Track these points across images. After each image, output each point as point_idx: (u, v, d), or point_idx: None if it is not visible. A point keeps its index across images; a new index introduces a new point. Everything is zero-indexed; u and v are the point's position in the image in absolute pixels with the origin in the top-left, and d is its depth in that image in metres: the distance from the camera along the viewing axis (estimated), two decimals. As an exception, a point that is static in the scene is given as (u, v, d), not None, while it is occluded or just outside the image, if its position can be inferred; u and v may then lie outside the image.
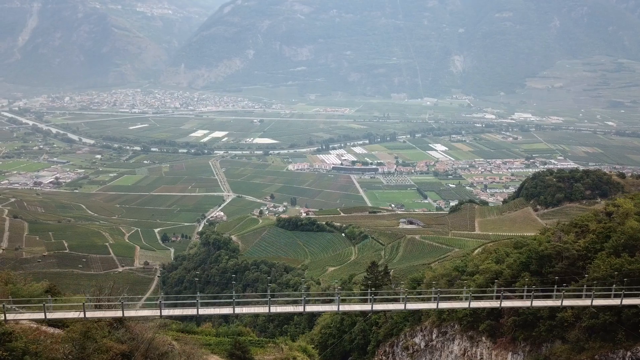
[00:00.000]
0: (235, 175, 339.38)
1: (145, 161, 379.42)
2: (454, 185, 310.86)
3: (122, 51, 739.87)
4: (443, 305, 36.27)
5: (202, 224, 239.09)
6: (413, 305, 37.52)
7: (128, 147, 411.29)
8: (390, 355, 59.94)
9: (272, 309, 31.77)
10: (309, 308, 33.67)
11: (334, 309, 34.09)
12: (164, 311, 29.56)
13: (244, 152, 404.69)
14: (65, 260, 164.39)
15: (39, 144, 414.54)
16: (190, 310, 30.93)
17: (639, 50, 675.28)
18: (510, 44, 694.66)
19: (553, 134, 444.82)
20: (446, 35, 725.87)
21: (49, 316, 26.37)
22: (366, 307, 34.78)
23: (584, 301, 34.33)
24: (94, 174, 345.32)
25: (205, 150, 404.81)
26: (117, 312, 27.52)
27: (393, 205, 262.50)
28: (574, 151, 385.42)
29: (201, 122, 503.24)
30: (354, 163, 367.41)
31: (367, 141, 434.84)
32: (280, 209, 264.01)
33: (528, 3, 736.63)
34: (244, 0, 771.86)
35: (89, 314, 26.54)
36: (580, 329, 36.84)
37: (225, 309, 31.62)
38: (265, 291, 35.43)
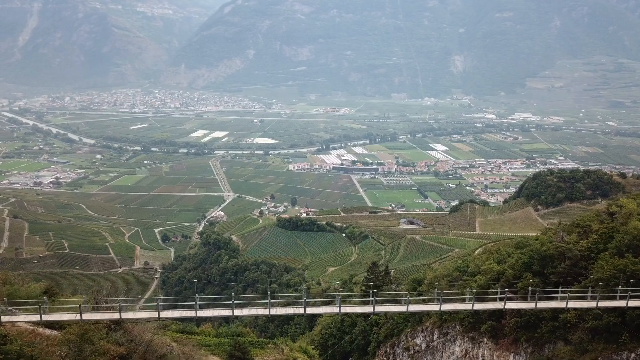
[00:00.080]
0: (235, 175, 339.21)
1: (145, 161, 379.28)
2: (455, 185, 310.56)
3: (123, 51, 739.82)
4: (446, 307, 35.80)
5: (203, 224, 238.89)
6: (415, 307, 37.01)
7: (128, 147, 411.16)
8: (391, 356, 59.59)
9: (272, 311, 31.38)
10: (310, 310, 33.28)
11: (335, 310, 33.67)
12: (162, 313, 29.18)
13: (244, 152, 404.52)
14: (65, 260, 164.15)
15: (39, 144, 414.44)
16: (188, 312, 30.57)
17: (639, 50, 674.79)
18: (510, 44, 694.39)
19: (553, 134, 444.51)
20: (446, 35, 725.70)
21: (44, 318, 25.99)
22: (368, 309, 34.34)
23: (589, 303, 33.91)
24: (94, 174, 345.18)
25: (206, 150, 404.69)
26: (115, 314, 27.15)
27: (393, 205, 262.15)
28: (574, 151, 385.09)
29: (201, 122, 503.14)
30: (354, 163, 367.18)
31: (368, 141, 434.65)
32: (281, 209, 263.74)
33: (528, 3, 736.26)
34: (244, 0, 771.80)
35: (86, 316, 26.17)
36: (584, 330, 36.47)
37: (225, 311, 31.23)
38: (266, 291, 35.02)
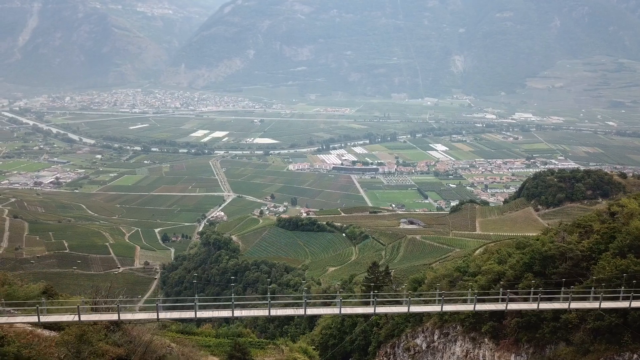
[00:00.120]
0: (235, 175, 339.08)
1: (145, 161, 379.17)
2: (455, 185, 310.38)
3: (123, 51, 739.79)
4: (447, 308, 35.54)
5: (203, 224, 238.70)
6: (417, 307, 36.72)
7: (128, 147, 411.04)
8: (392, 357, 59.40)
9: (272, 312, 31.11)
10: (310, 311, 33.06)
11: (336, 311, 33.44)
12: (161, 314, 28.94)
13: (244, 152, 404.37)
14: (65, 260, 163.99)
15: (39, 144, 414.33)
16: (187, 314, 30.34)
17: (639, 50, 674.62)
18: (510, 44, 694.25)
19: (554, 134, 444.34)
20: (447, 35, 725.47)
21: (42, 319, 25.76)
22: (369, 310, 34.08)
23: (592, 304, 33.68)
24: (94, 174, 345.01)
25: (206, 150, 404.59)
26: (113, 315, 26.93)
27: (394, 205, 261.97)
28: (574, 151, 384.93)
29: (201, 122, 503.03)
30: (354, 163, 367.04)
31: (368, 141, 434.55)
32: (281, 209, 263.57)
33: (529, 3, 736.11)
34: (244, 0, 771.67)
35: (84, 317, 25.95)
36: (585, 330, 36.25)
37: (224, 312, 30.99)
38: (266, 291, 34.82)
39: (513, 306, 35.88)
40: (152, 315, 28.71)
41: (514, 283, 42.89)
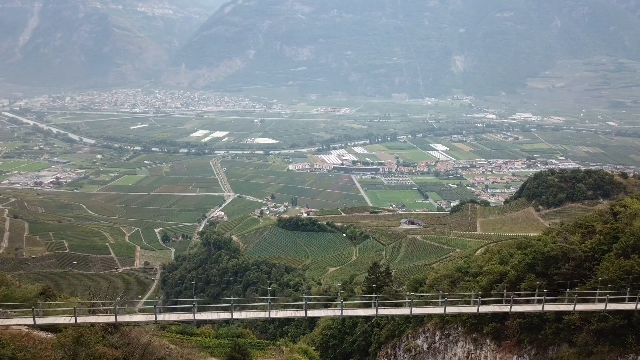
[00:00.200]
0: (235, 175, 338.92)
1: (145, 161, 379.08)
2: (455, 186, 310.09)
3: (123, 51, 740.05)
4: (451, 309, 35.08)
5: (203, 224, 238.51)
6: (419, 310, 36.23)
7: (129, 147, 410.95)
8: (392, 357, 59.08)
9: (273, 314, 30.71)
10: (311, 313, 32.68)
11: (337, 314, 32.99)
12: (159, 316, 28.55)
13: (244, 152, 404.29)
14: (66, 260, 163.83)
15: (39, 144, 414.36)
16: (186, 316, 29.96)
17: (639, 50, 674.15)
18: (511, 44, 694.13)
19: (554, 134, 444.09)
20: (447, 35, 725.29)
21: (38, 321, 25.35)
22: (370, 312, 33.58)
23: (598, 305, 33.27)
24: (95, 174, 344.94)
25: (206, 150, 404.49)
26: (110, 318, 26.53)
27: (394, 205, 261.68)
28: (575, 151, 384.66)
29: (202, 122, 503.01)
30: (354, 163, 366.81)
31: (368, 141, 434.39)
32: (281, 209, 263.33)
33: (529, 3, 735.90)
34: (244, 0, 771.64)
35: (81, 319, 25.58)
36: (589, 332, 35.83)
37: (224, 314, 30.57)
38: (266, 292, 34.44)
39: (517, 308, 35.41)
40: (150, 317, 28.32)
41: (516, 284, 42.53)
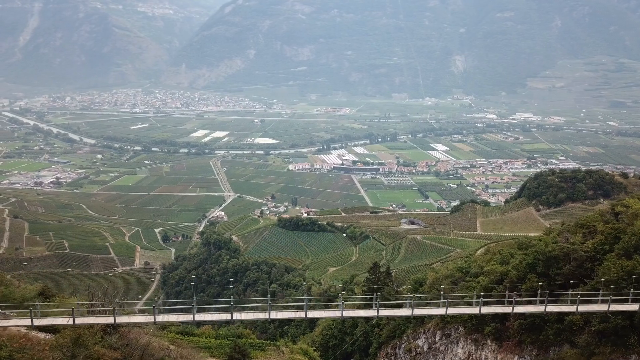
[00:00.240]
0: (236, 175, 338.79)
1: (146, 161, 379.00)
2: (455, 186, 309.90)
3: (123, 51, 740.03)
4: (452, 311, 34.85)
5: (203, 224, 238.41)
6: (421, 310, 35.98)
7: (129, 147, 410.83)
8: (393, 358, 58.91)
9: (273, 315, 30.48)
10: (312, 314, 32.44)
11: (338, 315, 32.77)
12: (158, 317, 28.32)
13: (244, 152, 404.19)
14: (66, 260, 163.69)
15: (39, 144, 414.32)
16: (185, 317, 29.74)
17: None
18: (511, 44, 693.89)
19: (554, 134, 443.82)
20: (447, 35, 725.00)
21: (36, 323, 25.16)
22: (371, 313, 33.36)
23: (601, 306, 33.06)
24: (95, 174, 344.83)
25: (206, 150, 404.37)
26: (109, 319, 26.34)
27: (394, 205, 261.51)
28: (575, 151, 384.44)
29: (202, 122, 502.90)
30: (355, 163, 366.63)
31: (368, 141, 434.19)
32: (281, 209, 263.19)
33: (529, 3, 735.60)
34: (244, 0, 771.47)
35: (79, 320, 25.40)
36: (590, 333, 35.63)
37: (223, 315, 30.32)
38: (266, 292, 34.24)
39: (519, 309, 35.18)
40: (149, 318, 28.09)
41: (517, 284, 42.33)
